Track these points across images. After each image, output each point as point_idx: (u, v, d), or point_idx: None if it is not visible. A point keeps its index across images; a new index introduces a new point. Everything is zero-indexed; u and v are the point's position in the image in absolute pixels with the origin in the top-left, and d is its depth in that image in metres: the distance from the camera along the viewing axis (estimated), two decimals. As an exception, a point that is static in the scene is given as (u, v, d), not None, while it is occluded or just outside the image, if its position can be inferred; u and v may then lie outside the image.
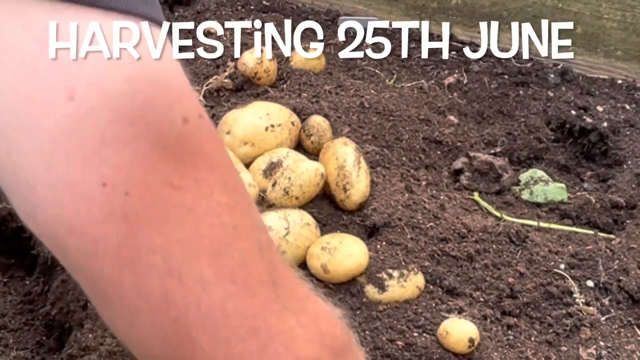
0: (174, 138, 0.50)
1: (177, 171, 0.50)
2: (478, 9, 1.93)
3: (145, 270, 0.49)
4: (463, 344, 1.12)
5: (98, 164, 0.48)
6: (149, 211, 0.49)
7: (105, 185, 0.48)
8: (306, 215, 1.25)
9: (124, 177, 0.48)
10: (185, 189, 0.50)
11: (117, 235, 0.49)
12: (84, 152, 0.48)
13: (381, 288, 1.19)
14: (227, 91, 1.57)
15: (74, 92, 0.48)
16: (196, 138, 0.51)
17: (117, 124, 0.48)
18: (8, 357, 1.18)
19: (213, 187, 0.51)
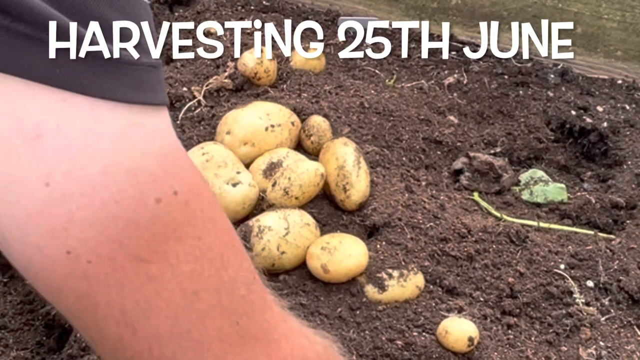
0: (147, 218, 0.55)
1: (147, 247, 0.55)
2: (478, 9, 1.93)
3: (103, 318, 0.56)
4: (462, 343, 1.12)
5: (65, 237, 0.53)
6: (110, 277, 0.54)
7: (70, 253, 0.54)
8: (306, 215, 1.24)
9: (88, 250, 0.54)
10: (152, 262, 0.55)
11: (78, 291, 0.55)
12: (53, 228, 0.53)
13: (381, 288, 1.19)
14: (227, 91, 1.57)
15: (49, 179, 0.53)
16: (168, 215, 0.56)
17: (88, 208, 0.53)
18: (8, 357, 1.18)
19: (179, 257, 0.56)
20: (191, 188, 0.58)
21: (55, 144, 0.53)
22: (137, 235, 0.55)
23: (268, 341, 0.61)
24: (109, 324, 0.56)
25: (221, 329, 0.58)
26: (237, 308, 0.60)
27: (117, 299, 0.55)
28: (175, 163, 0.58)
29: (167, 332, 0.56)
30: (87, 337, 0.60)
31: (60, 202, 0.53)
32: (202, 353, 0.58)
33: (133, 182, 0.54)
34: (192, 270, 0.57)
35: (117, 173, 0.54)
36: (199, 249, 0.58)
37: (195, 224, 0.58)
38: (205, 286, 0.58)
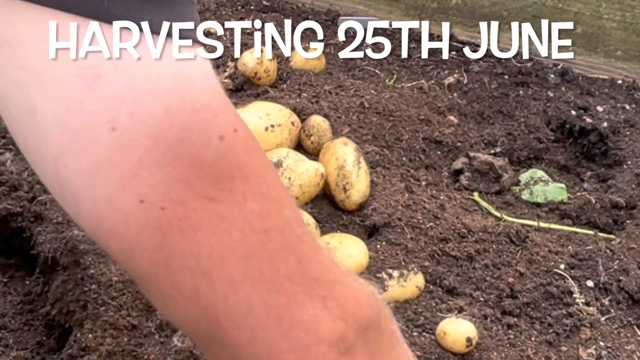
0: (212, 156, 0.54)
1: (214, 185, 0.54)
2: (478, 9, 1.93)
3: (178, 270, 0.54)
4: (461, 344, 1.12)
5: (136, 184, 0.52)
6: (183, 222, 0.53)
7: (143, 202, 0.52)
8: (306, 215, 1.24)
9: (161, 195, 0.52)
10: (220, 200, 0.54)
11: (152, 244, 0.54)
12: (123, 175, 0.52)
13: (381, 288, 1.19)
14: (227, 91, 1.56)
15: (115, 123, 0.51)
16: (232, 153, 0.55)
17: (155, 150, 0.52)
18: (8, 357, 1.18)
19: (246, 196, 0.55)
20: (245, 127, 0.58)
21: (116, 84, 0.51)
22: (204, 173, 0.53)
23: (325, 282, 0.60)
24: (184, 276, 0.55)
25: (289, 269, 0.58)
26: (298, 247, 0.59)
27: (191, 246, 0.54)
28: (228, 101, 0.57)
29: (241, 274, 0.55)
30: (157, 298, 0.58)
31: (129, 147, 0.51)
32: (275, 294, 0.57)
33: (195, 120, 0.53)
34: (260, 209, 0.56)
35: (179, 111, 0.52)
36: (265, 187, 0.57)
37: (257, 162, 0.57)
38: (273, 225, 0.57)
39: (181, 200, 0.53)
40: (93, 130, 0.51)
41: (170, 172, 0.52)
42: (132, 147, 0.52)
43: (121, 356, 1.06)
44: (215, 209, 0.54)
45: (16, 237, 1.30)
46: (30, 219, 1.25)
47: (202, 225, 0.54)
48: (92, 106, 0.51)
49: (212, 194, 0.54)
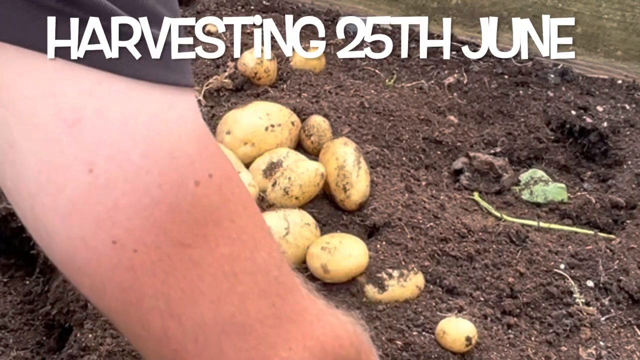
0: (188, 202, 0.54)
1: (190, 231, 0.55)
2: (478, 9, 1.93)
3: (148, 310, 0.55)
4: (460, 343, 1.12)
5: (110, 226, 0.53)
6: (156, 266, 0.54)
7: (115, 243, 0.53)
8: (306, 215, 1.24)
9: (134, 238, 0.53)
10: (194, 246, 0.55)
11: (123, 283, 0.55)
12: (98, 216, 0.53)
13: (381, 288, 1.19)
14: (227, 91, 1.57)
15: (93, 166, 0.52)
16: (206, 198, 0.56)
17: (132, 194, 0.53)
18: (8, 357, 1.18)
19: (218, 240, 0.56)
20: (223, 171, 0.59)
21: (96, 128, 0.52)
22: (180, 219, 0.54)
23: (302, 322, 0.61)
24: (153, 317, 0.56)
25: (260, 311, 0.58)
26: (271, 290, 0.60)
27: (162, 289, 0.55)
28: (208, 145, 0.58)
29: (212, 318, 0.56)
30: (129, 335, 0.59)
31: (105, 189, 0.52)
32: (245, 336, 0.58)
33: (174, 165, 0.54)
34: (230, 252, 0.57)
35: (157, 156, 0.53)
36: (235, 232, 0.58)
37: (229, 206, 0.58)
38: (243, 268, 0.58)
39: (155, 245, 0.54)
40: (70, 171, 0.52)
41: (148, 217, 0.53)
42: (108, 190, 0.52)
43: (121, 356, 1.06)
44: (189, 255, 0.55)
45: (16, 237, 1.30)
46: (30, 218, 1.24)
47: (174, 270, 0.55)
48: (70, 148, 0.52)
49: (188, 240, 0.55)
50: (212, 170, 0.57)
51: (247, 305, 0.58)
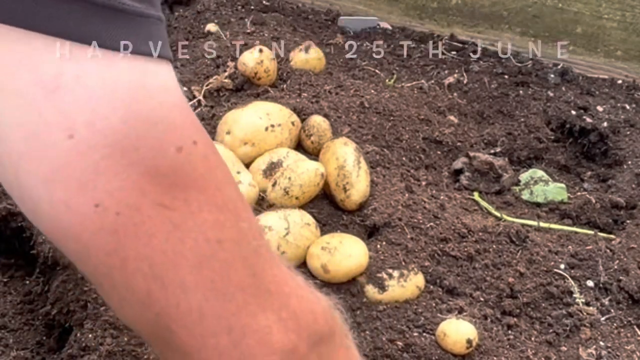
0: (166, 166, 0.56)
1: (167, 193, 0.56)
2: (478, 9, 1.93)
3: (132, 273, 0.56)
4: (461, 345, 1.12)
5: (92, 189, 0.54)
6: (138, 227, 0.55)
7: (98, 206, 0.54)
8: (306, 215, 1.24)
9: (116, 201, 0.55)
10: (174, 209, 0.56)
11: (107, 246, 0.56)
12: (80, 180, 0.54)
13: (381, 288, 1.19)
14: (227, 91, 1.57)
15: (73, 131, 0.53)
16: (189, 164, 0.57)
17: (111, 157, 0.54)
18: (8, 357, 1.18)
19: (201, 206, 0.57)
20: (207, 141, 0.60)
21: (76, 95, 0.53)
22: (157, 181, 0.55)
23: (279, 294, 0.62)
24: (137, 279, 0.57)
25: (242, 279, 0.59)
26: (253, 259, 0.61)
27: (145, 251, 0.56)
28: (190, 115, 0.59)
29: (193, 282, 0.57)
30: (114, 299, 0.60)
31: (86, 154, 0.53)
32: (226, 303, 0.58)
33: (152, 131, 0.55)
34: (216, 219, 0.58)
35: (136, 121, 0.54)
36: (221, 199, 0.59)
37: (215, 175, 0.59)
38: (228, 236, 0.59)
39: (136, 206, 0.55)
40: (51, 137, 0.53)
41: (126, 179, 0.54)
42: (88, 155, 0.53)
43: (121, 356, 1.06)
44: (169, 217, 0.56)
45: (16, 237, 1.30)
46: (30, 219, 1.24)
47: (156, 232, 0.56)
48: (50, 115, 0.53)
49: (166, 202, 0.56)
50: (197, 138, 0.58)
51: (229, 272, 0.59)
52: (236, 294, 0.59)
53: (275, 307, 0.62)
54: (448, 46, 1.89)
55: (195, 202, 0.57)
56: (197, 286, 0.57)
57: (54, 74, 0.53)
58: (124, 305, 0.59)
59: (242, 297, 0.59)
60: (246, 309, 0.60)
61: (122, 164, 0.54)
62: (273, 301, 0.62)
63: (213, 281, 0.58)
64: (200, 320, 0.58)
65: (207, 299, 0.58)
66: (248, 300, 0.60)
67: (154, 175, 0.55)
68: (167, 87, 0.57)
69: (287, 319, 0.62)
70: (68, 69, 0.53)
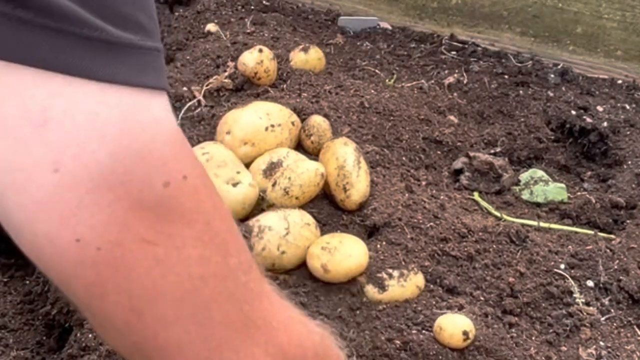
0: (153, 200, 0.55)
1: (152, 228, 0.55)
2: (478, 9, 1.93)
3: (111, 305, 0.56)
4: (458, 338, 1.11)
5: (74, 224, 0.54)
6: (118, 262, 0.55)
7: (79, 241, 0.54)
8: (306, 215, 1.24)
9: (97, 235, 0.54)
10: (157, 244, 0.56)
11: (87, 279, 0.55)
12: (62, 214, 0.53)
13: (381, 288, 1.19)
14: (227, 91, 1.57)
15: (59, 165, 0.53)
16: (175, 199, 0.56)
17: (96, 192, 0.53)
18: (8, 357, 1.18)
19: (186, 241, 0.57)
20: (198, 174, 0.59)
21: (63, 129, 0.52)
22: (142, 215, 0.55)
23: (267, 328, 0.62)
24: (116, 311, 0.57)
25: (227, 315, 0.59)
26: (240, 295, 0.60)
27: (125, 285, 0.55)
28: (182, 148, 0.58)
29: (173, 316, 0.57)
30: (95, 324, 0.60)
31: (70, 188, 0.53)
32: (207, 337, 0.58)
33: (140, 165, 0.54)
34: (200, 255, 0.57)
35: (124, 156, 0.54)
36: (208, 235, 0.58)
37: (204, 209, 0.58)
38: (213, 272, 0.58)
39: (118, 241, 0.54)
40: (36, 171, 0.53)
41: (110, 213, 0.54)
42: (72, 189, 0.53)
43: (121, 356, 1.06)
44: (152, 252, 0.55)
45: (16, 237, 1.30)
46: (30, 218, 1.24)
47: (137, 267, 0.55)
48: (37, 149, 0.52)
49: (149, 237, 0.55)
50: (187, 172, 0.57)
51: (212, 308, 0.58)
52: (218, 329, 0.59)
53: (262, 341, 0.62)
54: (448, 46, 1.89)
55: (179, 238, 0.56)
56: (177, 320, 0.57)
57: (42, 108, 0.52)
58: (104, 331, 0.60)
59: (224, 333, 0.59)
60: (228, 344, 0.60)
61: (106, 199, 0.53)
62: (260, 336, 0.61)
63: (194, 315, 0.58)
64: (179, 353, 0.58)
65: (187, 332, 0.58)
66: (231, 335, 0.60)
67: (138, 209, 0.55)
68: (160, 119, 0.56)
69: (274, 353, 0.62)
70: (57, 102, 0.52)
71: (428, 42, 1.91)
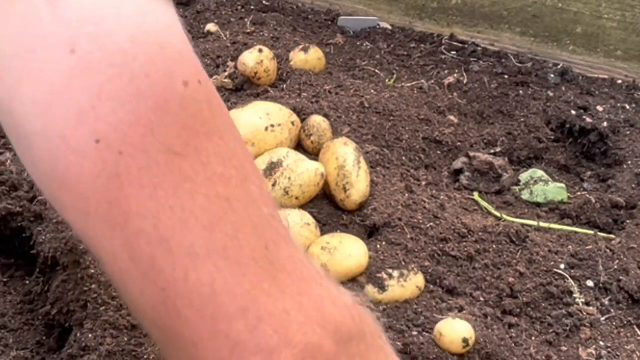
0: (177, 102, 0.49)
1: (179, 137, 0.49)
2: (478, 9, 1.93)
3: (135, 234, 0.49)
4: (457, 345, 1.11)
5: (93, 120, 0.47)
6: (143, 174, 0.48)
7: (99, 142, 0.48)
8: (306, 215, 1.24)
9: (120, 137, 0.48)
10: (185, 157, 0.49)
11: (108, 195, 0.48)
12: (80, 107, 0.47)
13: (381, 288, 1.19)
14: (227, 91, 1.57)
15: (75, 46, 0.47)
16: (196, 104, 0.50)
17: (117, 82, 0.48)
18: (8, 357, 1.18)
19: (210, 157, 0.50)
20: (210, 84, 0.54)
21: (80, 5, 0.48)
22: (169, 120, 0.49)
23: (298, 277, 0.53)
24: (140, 243, 0.49)
25: (255, 250, 0.51)
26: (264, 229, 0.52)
27: (150, 206, 0.48)
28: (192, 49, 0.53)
29: (204, 248, 0.49)
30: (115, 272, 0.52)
31: (89, 73, 0.47)
32: (240, 277, 0.50)
33: (161, 57, 0.49)
34: (222, 174, 0.50)
35: (145, 43, 0.49)
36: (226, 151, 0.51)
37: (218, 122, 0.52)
38: (236, 194, 0.51)
39: (143, 147, 0.48)
40: (51, 52, 0.48)
41: (133, 110, 0.48)
42: (91, 74, 0.47)
43: (121, 356, 1.06)
44: (180, 166, 0.49)
45: (16, 237, 1.30)
46: (30, 219, 1.25)
47: (164, 182, 0.48)
48: (52, 26, 0.48)
49: (178, 148, 0.49)
50: (201, 77, 0.52)
51: (241, 238, 0.50)
52: (250, 265, 0.50)
53: (294, 291, 0.52)
54: (448, 46, 1.89)
55: (204, 152, 0.49)
56: (208, 253, 0.49)
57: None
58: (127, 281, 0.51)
59: (256, 271, 0.50)
60: (261, 286, 0.50)
61: (128, 92, 0.47)
62: (291, 284, 0.52)
63: (225, 248, 0.49)
64: (211, 298, 0.49)
65: (219, 270, 0.49)
66: (261, 276, 0.50)
67: (164, 111, 0.48)
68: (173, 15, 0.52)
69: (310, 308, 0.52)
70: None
71: (428, 42, 1.91)
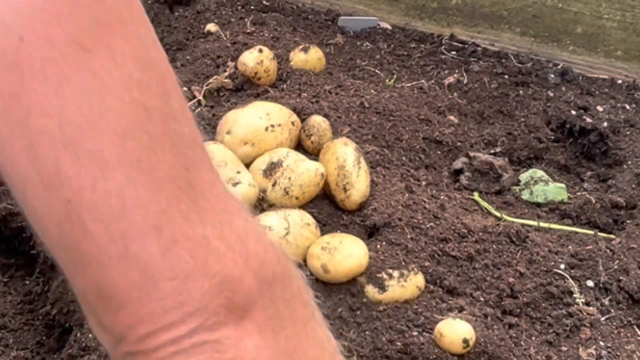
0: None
1: (89, 33, 0.45)
2: (478, 9, 1.93)
3: (37, 134, 0.44)
4: (457, 345, 1.11)
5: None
6: (47, 66, 0.44)
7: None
8: (306, 215, 1.24)
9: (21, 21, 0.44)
10: (95, 53, 0.45)
11: (8, 87, 0.44)
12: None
13: (381, 288, 1.19)
14: (227, 91, 1.57)
15: None
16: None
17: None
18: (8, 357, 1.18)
19: (126, 59, 0.46)
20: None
21: None
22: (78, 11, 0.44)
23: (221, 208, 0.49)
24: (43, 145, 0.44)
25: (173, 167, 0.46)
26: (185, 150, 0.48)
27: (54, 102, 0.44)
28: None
29: (115, 156, 0.44)
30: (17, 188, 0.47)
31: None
32: (154, 192, 0.45)
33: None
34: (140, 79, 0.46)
35: None
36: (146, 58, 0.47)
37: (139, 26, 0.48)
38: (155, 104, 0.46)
39: (47, 36, 0.44)
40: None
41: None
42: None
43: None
44: (89, 63, 0.44)
45: (16, 237, 1.30)
46: (30, 219, 1.24)
47: (71, 78, 0.44)
48: None
49: (87, 43, 0.44)
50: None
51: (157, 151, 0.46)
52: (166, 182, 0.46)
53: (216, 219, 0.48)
54: (448, 46, 1.89)
55: (119, 52, 0.45)
56: (119, 162, 0.44)
57: None
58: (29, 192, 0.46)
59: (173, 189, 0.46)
60: (178, 206, 0.46)
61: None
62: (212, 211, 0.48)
63: (139, 159, 0.45)
64: (121, 213, 0.45)
65: (131, 182, 0.45)
66: (178, 195, 0.46)
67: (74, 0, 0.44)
68: None
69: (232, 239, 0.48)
70: None
71: (428, 42, 1.91)
